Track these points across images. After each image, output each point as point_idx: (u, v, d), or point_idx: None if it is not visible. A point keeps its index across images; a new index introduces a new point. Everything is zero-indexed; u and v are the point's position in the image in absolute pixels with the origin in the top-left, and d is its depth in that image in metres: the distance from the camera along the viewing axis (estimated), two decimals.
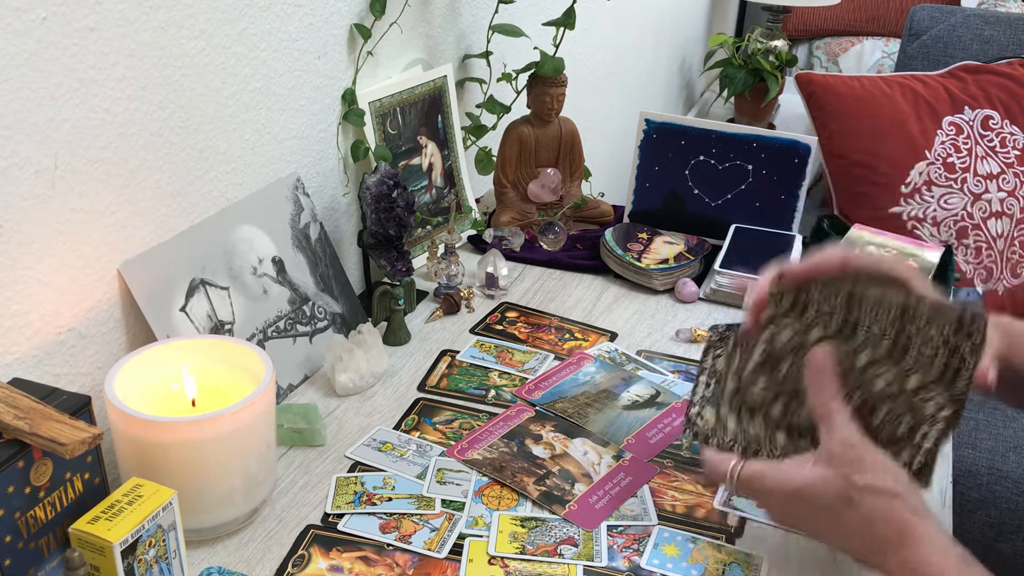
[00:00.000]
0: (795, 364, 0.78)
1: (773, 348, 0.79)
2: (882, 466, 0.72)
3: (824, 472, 0.72)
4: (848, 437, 0.73)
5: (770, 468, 0.76)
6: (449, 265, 1.30)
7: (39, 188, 0.84)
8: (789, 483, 0.74)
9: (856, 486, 0.71)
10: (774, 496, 0.75)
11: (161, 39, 0.94)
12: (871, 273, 0.76)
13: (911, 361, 0.74)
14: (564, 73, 1.44)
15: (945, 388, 0.73)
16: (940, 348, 0.73)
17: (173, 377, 0.91)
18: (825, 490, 0.72)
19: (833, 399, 0.74)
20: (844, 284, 0.76)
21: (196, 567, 0.85)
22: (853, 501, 0.71)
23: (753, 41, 3.07)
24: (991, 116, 2.09)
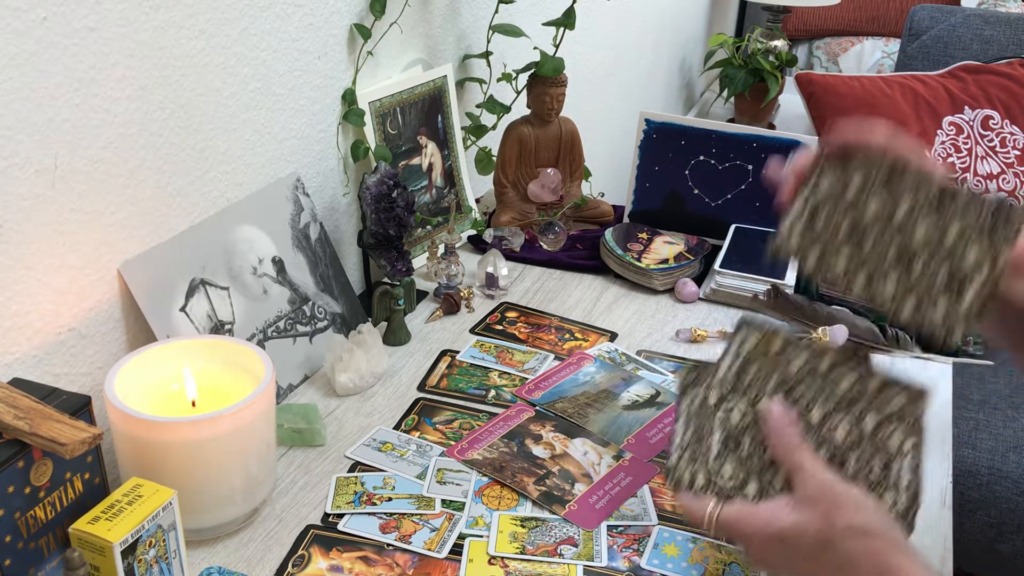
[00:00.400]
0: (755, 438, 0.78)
1: (730, 427, 0.79)
2: (861, 505, 0.71)
3: (803, 515, 0.72)
4: (822, 481, 0.72)
5: (750, 511, 0.75)
6: (449, 265, 1.30)
7: (39, 188, 0.84)
8: (769, 528, 0.73)
9: (836, 528, 0.70)
10: (754, 540, 0.74)
11: (161, 39, 0.94)
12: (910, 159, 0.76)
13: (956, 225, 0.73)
14: (564, 73, 1.44)
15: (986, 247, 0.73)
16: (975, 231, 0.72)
17: (173, 377, 0.91)
18: (805, 533, 0.71)
19: (798, 449, 0.74)
20: (885, 160, 0.75)
21: (196, 567, 0.85)
22: (834, 543, 0.70)
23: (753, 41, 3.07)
24: (991, 116, 2.09)
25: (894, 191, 0.74)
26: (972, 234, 0.72)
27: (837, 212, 0.76)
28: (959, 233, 0.72)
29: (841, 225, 0.76)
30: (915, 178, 0.74)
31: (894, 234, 0.74)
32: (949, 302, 0.73)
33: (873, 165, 0.75)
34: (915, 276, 0.74)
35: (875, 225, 0.75)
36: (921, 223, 0.73)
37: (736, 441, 0.79)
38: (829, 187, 0.76)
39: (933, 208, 0.73)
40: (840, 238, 0.76)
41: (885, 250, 0.74)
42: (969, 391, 1.80)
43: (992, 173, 2.05)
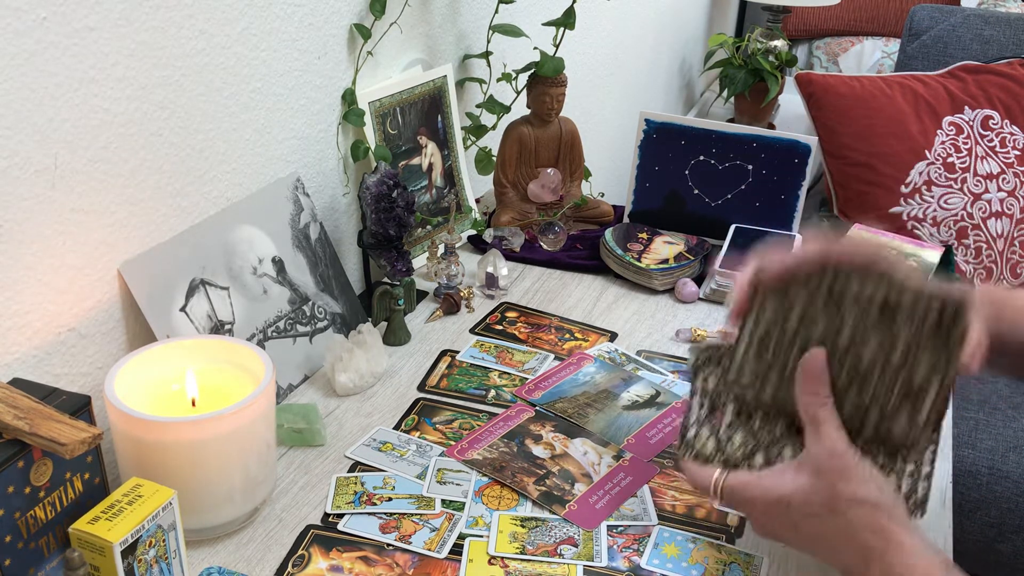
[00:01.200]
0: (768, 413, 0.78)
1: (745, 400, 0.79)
2: (867, 476, 0.72)
3: (809, 481, 0.72)
4: (835, 446, 0.73)
5: (754, 478, 0.76)
6: (449, 265, 1.30)
7: (39, 188, 0.84)
8: (773, 492, 0.74)
9: (840, 495, 0.71)
10: (759, 506, 0.75)
11: (161, 39, 0.94)
12: (852, 265, 0.75)
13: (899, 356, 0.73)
14: (564, 73, 1.44)
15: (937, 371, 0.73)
16: (924, 338, 0.72)
17: (173, 377, 0.91)
18: (810, 499, 0.72)
19: (823, 406, 0.74)
20: (824, 280, 0.75)
21: (196, 567, 0.85)
22: (838, 510, 0.71)
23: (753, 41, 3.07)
24: (991, 116, 2.09)
25: (837, 310, 0.75)
26: (921, 342, 0.72)
27: (784, 340, 0.77)
28: (906, 346, 0.73)
29: (791, 352, 0.77)
30: (857, 291, 0.74)
31: (843, 357, 0.74)
32: (909, 413, 0.74)
33: (811, 286, 0.75)
34: (870, 396, 0.74)
35: (823, 347, 0.75)
36: (869, 341, 0.74)
37: (749, 413, 0.80)
38: (772, 316, 0.77)
39: (878, 321, 0.73)
40: (790, 366, 0.77)
41: (837, 374, 0.75)
42: (969, 391, 1.80)
43: (992, 173, 2.05)
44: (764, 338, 0.78)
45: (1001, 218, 2.04)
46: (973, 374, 0.74)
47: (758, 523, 0.77)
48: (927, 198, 2.05)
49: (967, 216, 2.04)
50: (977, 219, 2.04)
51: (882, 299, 0.73)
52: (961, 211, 2.04)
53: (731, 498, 0.77)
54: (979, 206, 2.04)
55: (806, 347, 0.76)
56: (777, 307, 0.77)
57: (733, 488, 0.77)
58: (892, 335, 0.73)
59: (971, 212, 2.04)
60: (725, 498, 0.78)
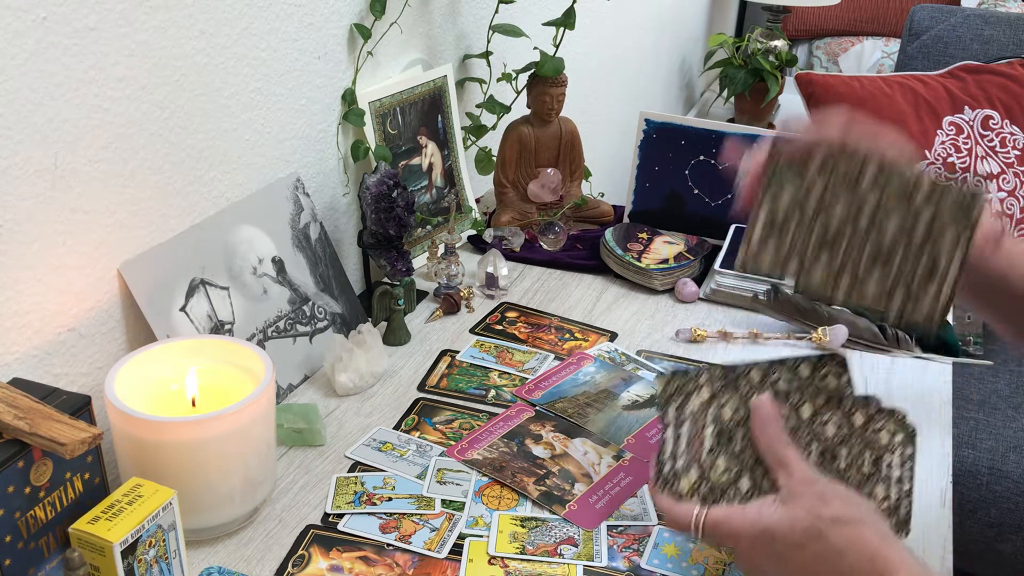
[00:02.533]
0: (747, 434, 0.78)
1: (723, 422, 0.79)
2: (845, 497, 0.72)
3: (789, 511, 0.72)
4: (807, 476, 0.73)
5: (737, 511, 0.75)
6: (449, 265, 1.30)
7: (39, 188, 0.84)
8: (756, 525, 0.73)
9: (823, 519, 0.70)
10: (743, 539, 0.74)
11: (161, 39, 0.94)
12: (870, 149, 0.75)
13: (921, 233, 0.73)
14: (564, 73, 1.44)
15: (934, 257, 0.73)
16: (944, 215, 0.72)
17: (173, 377, 0.91)
18: (793, 528, 0.71)
19: (784, 446, 0.75)
20: (842, 161, 0.74)
21: (196, 567, 0.85)
22: (822, 534, 0.70)
23: (753, 41, 3.07)
24: (991, 116, 2.09)
25: (857, 189, 0.73)
26: (942, 218, 0.72)
27: (805, 222, 0.75)
28: (930, 220, 0.72)
29: (812, 234, 0.75)
30: (876, 170, 0.73)
31: (866, 233, 0.73)
32: (933, 294, 0.73)
33: (832, 164, 0.74)
34: (895, 271, 0.73)
35: (846, 228, 0.74)
36: (891, 217, 0.72)
37: (729, 436, 0.79)
38: (791, 195, 0.75)
39: (899, 200, 0.73)
40: (812, 247, 0.75)
41: (861, 251, 0.73)
42: (969, 391, 1.80)
43: (992, 173, 2.05)
44: (784, 221, 0.75)
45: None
46: (988, 261, 0.72)
47: (744, 557, 0.75)
48: None
49: None
50: None
51: (902, 177, 0.73)
52: None
53: (714, 532, 0.76)
54: None
55: (827, 228, 0.74)
56: (796, 187, 0.75)
57: (716, 522, 0.75)
58: (914, 213, 0.72)
59: None
60: (707, 533, 0.76)
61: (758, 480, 0.77)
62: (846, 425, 0.75)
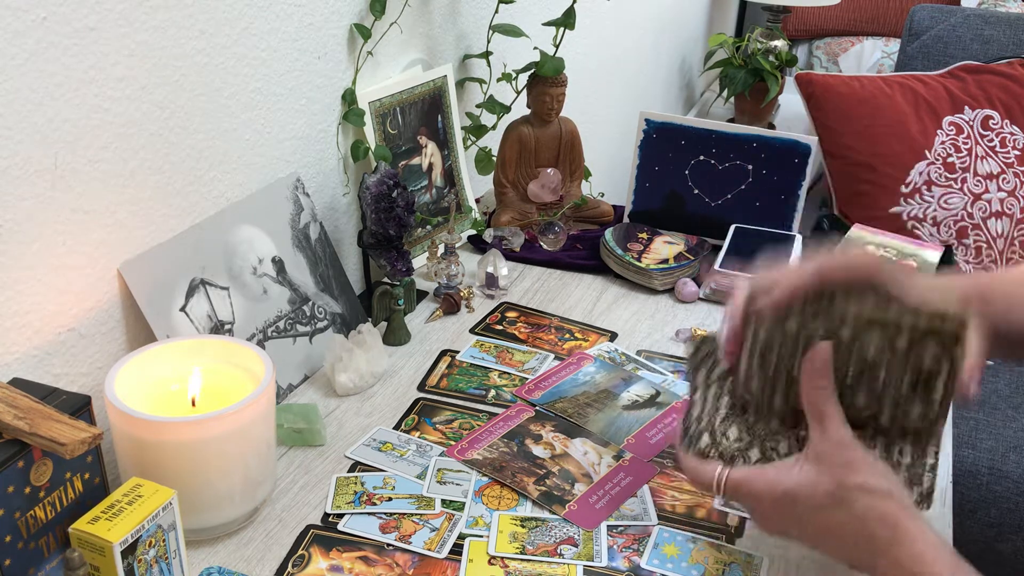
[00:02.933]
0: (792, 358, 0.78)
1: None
2: (873, 467, 0.72)
3: (814, 473, 0.72)
4: (841, 439, 0.72)
5: (757, 472, 0.76)
6: (449, 265, 1.30)
7: (39, 188, 0.84)
8: (779, 485, 0.73)
9: (847, 486, 0.70)
10: (764, 500, 0.74)
11: (161, 39, 0.94)
12: (848, 283, 0.75)
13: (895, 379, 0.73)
14: (564, 73, 1.44)
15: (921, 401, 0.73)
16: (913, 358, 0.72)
17: (173, 377, 0.91)
18: (816, 491, 0.71)
19: (827, 399, 0.74)
20: (820, 303, 0.75)
21: (196, 567, 0.85)
22: (845, 501, 0.70)
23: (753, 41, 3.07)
24: (991, 116, 2.09)
25: (832, 318, 0.74)
26: (922, 331, 0.72)
27: (785, 351, 0.76)
28: (909, 337, 0.72)
29: (794, 362, 0.76)
30: (845, 299, 0.74)
31: (849, 348, 0.74)
32: (922, 399, 0.74)
33: (802, 306, 0.75)
34: (880, 387, 0.74)
35: None
36: (871, 338, 0.73)
37: (744, 407, 0.79)
38: (768, 334, 0.76)
39: (875, 322, 0.73)
40: (797, 370, 0.76)
41: (845, 372, 0.74)
42: None
43: (992, 173, 2.06)
44: (765, 351, 0.77)
45: (1001, 218, 2.04)
46: (971, 396, 0.73)
47: (763, 518, 0.76)
48: (927, 198, 2.05)
49: (967, 216, 2.04)
50: (977, 219, 2.04)
51: (874, 300, 0.73)
52: (961, 211, 2.04)
53: (735, 493, 0.76)
54: (979, 206, 2.04)
55: (809, 346, 0.76)
56: (774, 324, 0.77)
57: (738, 482, 0.76)
58: (896, 326, 0.72)
59: (971, 212, 2.04)
60: (728, 493, 0.77)
61: (768, 452, 0.77)
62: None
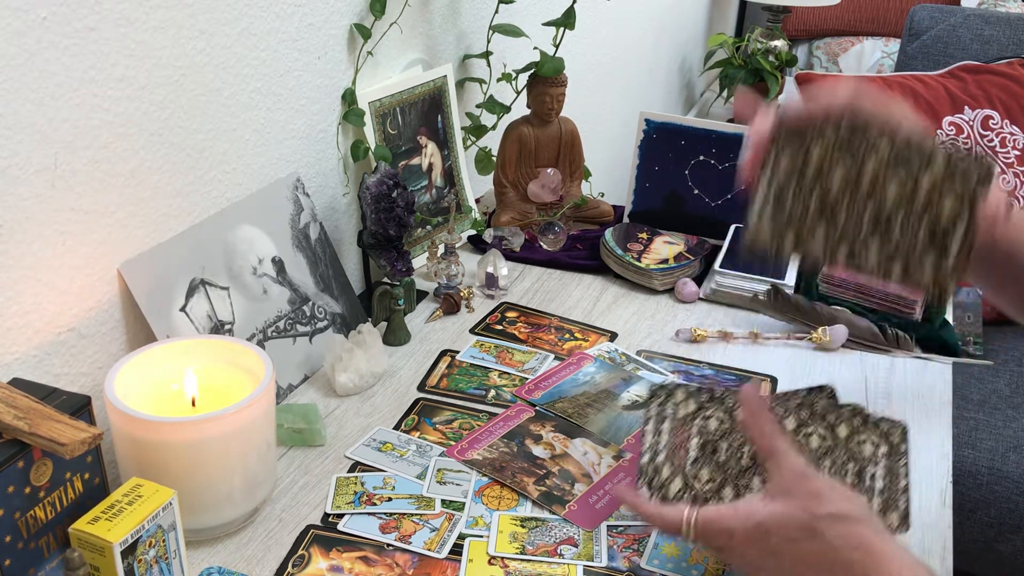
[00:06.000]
0: (732, 445, 0.77)
1: (708, 434, 0.79)
2: (839, 494, 0.72)
3: (782, 507, 0.72)
4: (800, 471, 0.72)
5: (728, 508, 0.75)
6: (449, 265, 1.30)
7: (39, 188, 0.84)
8: (750, 520, 0.73)
9: (817, 516, 0.70)
10: (736, 536, 0.74)
11: (161, 39, 0.94)
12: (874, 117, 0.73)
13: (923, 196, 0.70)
14: (564, 73, 1.44)
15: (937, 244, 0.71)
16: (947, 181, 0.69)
17: (173, 377, 0.91)
18: (788, 523, 0.71)
19: (774, 436, 0.74)
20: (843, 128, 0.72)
21: (196, 567, 0.85)
22: (817, 531, 0.70)
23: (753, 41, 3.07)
24: (991, 116, 2.09)
25: (856, 154, 0.71)
26: (945, 184, 0.70)
27: (803, 190, 0.72)
28: (931, 186, 0.69)
29: (810, 202, 0.73)
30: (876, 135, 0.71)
31: (866, 199, 0.71)
32: (936, 258, 0.71)
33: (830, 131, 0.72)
34: (895, 238, 0.71)
35: (844, 194, 0.71)
36: (891, 182, 0.70)
37: (714, 447, 0.79)
38: (789, 165, 0.73)
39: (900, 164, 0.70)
40: (811, 216, 0.73)
41: (860, 218, 0.71)
42: (969, 391, 1.80)
43: None
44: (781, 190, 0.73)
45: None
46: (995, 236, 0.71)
47: (737, 555, 0.75)
48: None
49: None
50: None
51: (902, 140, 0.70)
52: None
53: (706, 531, 0.75)
54: None
55: (826, 195, 0.72)
56: (794, 155, 0.73)
57: (708, 521, 0.75)
58: (914, 178, 0.70)
59: None
60: (699, 533, 0.75)
61: (741, 490, 0.77)
62: (830, 437, 0.75)
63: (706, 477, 0.78)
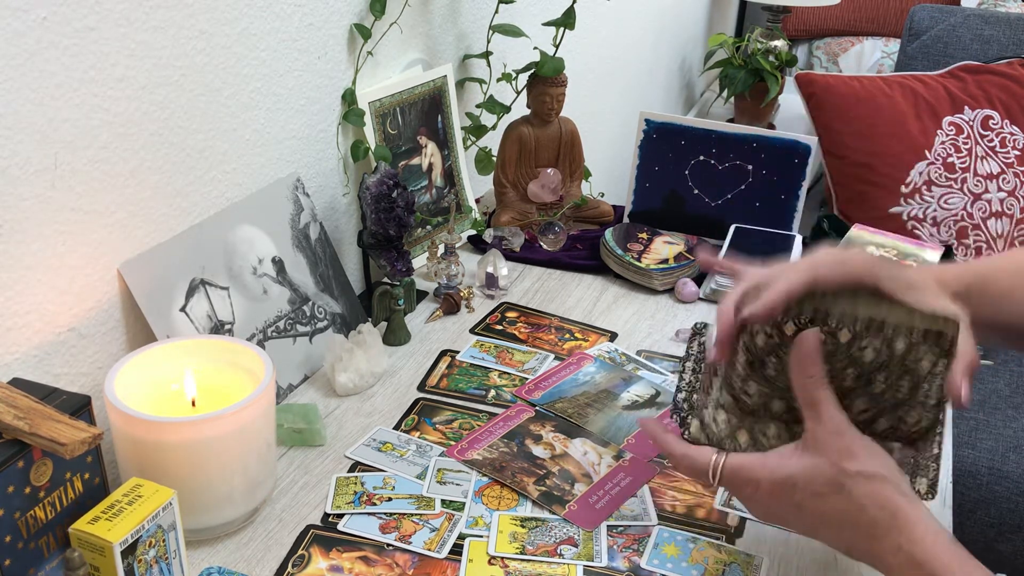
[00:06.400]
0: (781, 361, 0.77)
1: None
2: (871, 452, 0.71)
3: (813, 460, 0.71)
4: (837, 425, 0.72)
5: (757, 458, 0.74)
6: (449, 265, 1.30)
7: (39, 188, 0.84)
8: (778, 472, 0.72)
9: (847, 472, 0.70)
10: (762, 487, 0.73)
11: (161, 39, 0.94)
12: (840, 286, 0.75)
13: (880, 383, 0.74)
14: (564, 73, 1.44)
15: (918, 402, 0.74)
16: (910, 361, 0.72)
17: (173, 377, 0.91)
18: (815, 478, 0.71)
19: (819, 386, 0.73)
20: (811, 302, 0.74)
21: (196, 567, 0.85)
22: (844, 487, 0.70)
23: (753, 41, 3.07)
24: (991, 116, 2.09)
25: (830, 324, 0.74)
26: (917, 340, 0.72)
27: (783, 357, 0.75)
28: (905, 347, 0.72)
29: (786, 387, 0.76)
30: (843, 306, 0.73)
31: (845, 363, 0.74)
32: (920, 407, 0.74)
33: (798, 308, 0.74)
34: (878, 392, 0.74)
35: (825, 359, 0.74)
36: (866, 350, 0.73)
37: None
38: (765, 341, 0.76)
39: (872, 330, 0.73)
40: None
41: (842, 378, 0.74)
42: None
43: (992, 173, 2.05)
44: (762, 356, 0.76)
45: (1001, 218, 2.04)
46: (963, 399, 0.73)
47: (760, 505, 0.75)
48: (927, 198, 2.05)
49: (967, 216, 2.04)
50: (977, 219, 2.04)
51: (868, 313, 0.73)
52: (961, 211, 2.04)
53: (732, 479, 0.75)
54: (979, 206, 2.04)
55: None
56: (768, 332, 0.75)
57: (736, 468, 0.74)
58: (893, 329, 0.72)
59: (971, 212, 2.04)
60: (725, 480, 0.75)
61: (756, 436, 0.77)
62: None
63: (723, 419, 0.78)
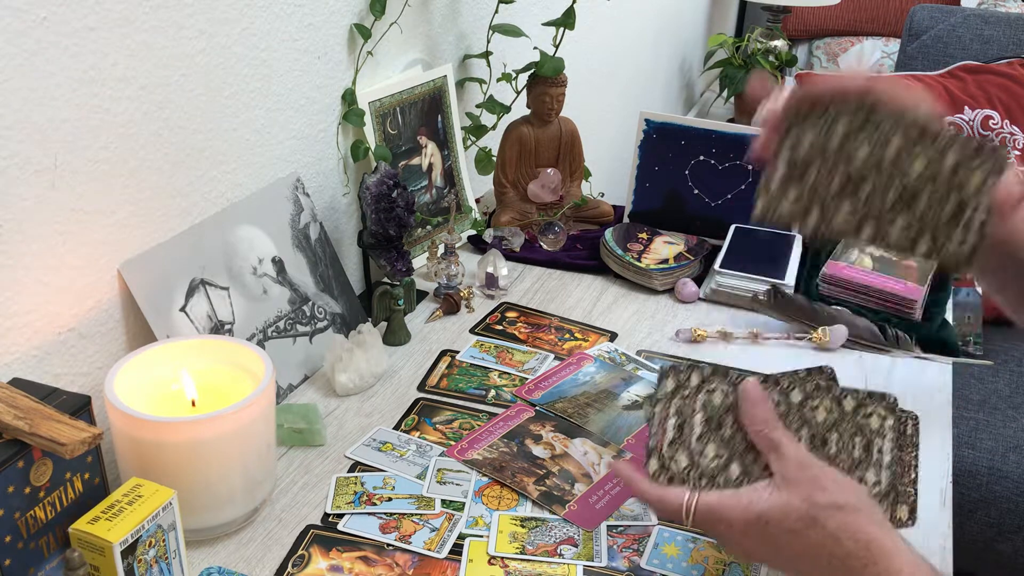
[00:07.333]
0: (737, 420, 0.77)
1: (712, 408, 0.78)
2: (841, 484, 0.72)
3: (784, 496, 0.71)
4: (801, 460, 0.72)
5: (730, 496, 0.74)
6: (449, 265, 1.30)
7: (39, 188, 0.84)
8: (750, 510, 0.72)
9: (819, 505, 0.70)
10: (735, 526, 0.73)
11: (161, 39, 0.94)
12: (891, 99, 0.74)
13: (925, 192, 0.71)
14: (564, 73, 1.44)
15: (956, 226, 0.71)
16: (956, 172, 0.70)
17: (173, 377, 0.91)
18: (788, 514, 0.71)
19: (774, 428, 0.74)
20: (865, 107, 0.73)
21: (196, 567, 0.85)
22: (818, 521, 0.70)
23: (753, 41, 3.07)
24: (991, 116, 2.09)
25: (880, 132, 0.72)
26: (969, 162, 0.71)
27: (826, 165, 0.73)
28: (957, 161, 0.70)
29: (834, 178, 0.73)
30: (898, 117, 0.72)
31: (890, 175, 0.72)
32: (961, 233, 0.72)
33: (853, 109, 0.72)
34: (921, 211, 0.71)
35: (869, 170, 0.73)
36: (917, 158, 0.71)
37: (718, 422, 0.78)
38: (812, 140, 0.73)
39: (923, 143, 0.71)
40: (834, 192, 0.74)
41: (885, 193, 0.72)
42: (969, 391, 1.80)
43: None
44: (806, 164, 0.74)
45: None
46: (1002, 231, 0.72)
47: (735, 543, 0.74)
48: None
49: None
50: None
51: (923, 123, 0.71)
52: None
53: (705, 518, 0.74)
54: None
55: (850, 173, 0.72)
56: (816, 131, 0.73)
57: (709, 507, 0.74)
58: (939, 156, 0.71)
59: None
60: (698, 519, 0.75)
61: (748, 466, 0.77)
62: (836, 410, 0.74)
63: (712, 453, 0.77)
